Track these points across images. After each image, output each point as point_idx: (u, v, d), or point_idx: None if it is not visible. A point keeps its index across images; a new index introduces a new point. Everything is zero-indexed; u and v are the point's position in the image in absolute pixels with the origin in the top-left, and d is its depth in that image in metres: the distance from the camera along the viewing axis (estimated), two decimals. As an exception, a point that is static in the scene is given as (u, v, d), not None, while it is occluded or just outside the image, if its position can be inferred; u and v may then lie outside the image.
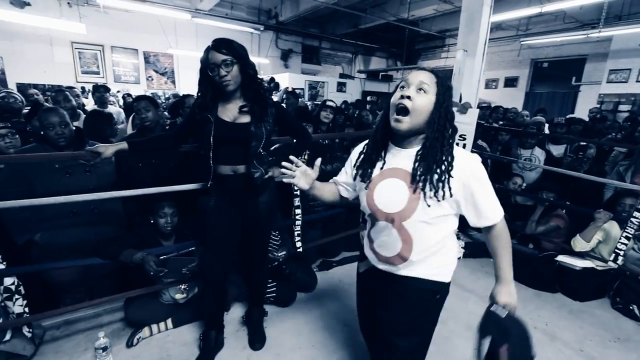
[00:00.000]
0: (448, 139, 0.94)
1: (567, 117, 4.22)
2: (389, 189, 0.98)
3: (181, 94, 6.04)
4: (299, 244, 2.19)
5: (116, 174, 2.03)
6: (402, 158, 0.98)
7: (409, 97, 0.91)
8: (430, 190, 0.92)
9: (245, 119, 1.44)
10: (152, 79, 9.06)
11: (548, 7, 5.25)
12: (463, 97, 3.47)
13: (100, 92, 3.80)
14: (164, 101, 7.37)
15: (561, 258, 2.42)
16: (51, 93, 3.75)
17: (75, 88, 4.66)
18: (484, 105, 4.42)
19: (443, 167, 0.92)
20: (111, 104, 4.48)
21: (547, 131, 4.01)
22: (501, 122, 4.35)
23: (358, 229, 2.65)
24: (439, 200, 0.92)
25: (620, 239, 2.18)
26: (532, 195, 2.83)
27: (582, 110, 7.56)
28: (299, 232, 2.18)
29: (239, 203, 1.54)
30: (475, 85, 4.20)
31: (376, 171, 1.02)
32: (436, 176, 0.92)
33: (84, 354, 1.64)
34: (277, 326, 1.88)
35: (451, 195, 0.92)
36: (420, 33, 10.03)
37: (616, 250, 2.19)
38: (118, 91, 7.11)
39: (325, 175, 2.25)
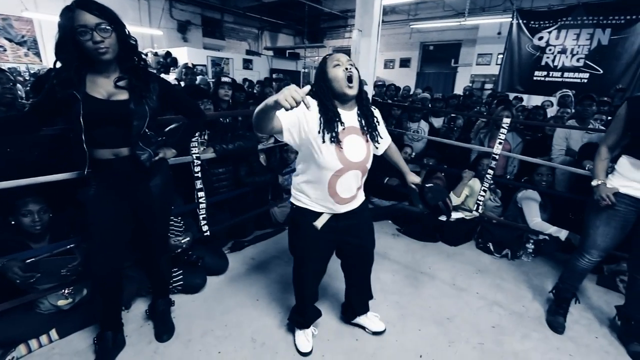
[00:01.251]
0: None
1: (442, 94, 4.92)
2: (354, 144, 1.26)
3: (44, 68, 4.99)
4: (205, 228, 2.11)
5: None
6: (350, 118, 1.27)
7: (350, 70, 1.20)
8: (373, 138, 1.32)
9: (123, 95, 1.28)
10: (5, 50, 7.20)
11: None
12: (361, 76, 3.71)
13: None
14: (28, 78, 5.96)
15: (440, 213, 2.88)
16: None
17: None
18: (379, 83, 4.81)
19: (374, 120, 1.32)
20: None
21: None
22: (395, 99, 4.82)
23: (267, 206, 2.68)
24: (377, 143, 1.36)
25: (480, 192, 2.71)
26: (418, 162, 3.27)
27: (460, 88, 8.88)
28: (204, 215, 2.10)
29: (126, 189, 1.39)
30: (372, 64, 4.52)
31: (340, 132, 1.22)
32: (372, 127, 1.31)
33: None
34: (187, 314, 1.82)
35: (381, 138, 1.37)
36: (324, 12, 10.19)
37: (477, 201, 2.72)
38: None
39: (228, 154, 2.21)
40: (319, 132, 1.19)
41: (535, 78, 5.55)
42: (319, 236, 1.38)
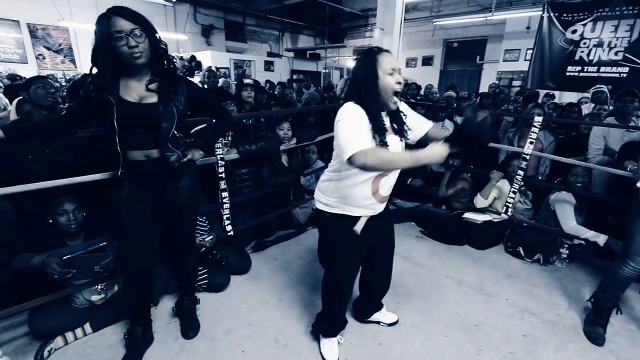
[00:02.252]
0: None
1: (469, 92, 4.76)
2: (394, 144, 1.25)
3: (79, 74, 5.25)
4: (229, 228, 2.14)
5: (-3, 170, 1.72)
6: (385, 121, 1.27)
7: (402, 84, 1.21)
8: (403, 135, 1.29)
9: (153, 98, 1.32)
10: (44, 58, 7.68)
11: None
12: (383, 75, 3.66)
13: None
14: (64, 84, 6.32)
15: (466, 215, 2.79)
16: None
17: None
18: (401, 82, 4.72)
19: (401, 118, 1.30)
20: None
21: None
22: (418, 98, 4.72)
23: (289, 207, 2.69)
24: (406, 138, 1.32)
25: (509, 194, 2.60)
26: (443, 162, 3.17)
27: (486, 85, 8.57)
28: (228, 215, 2.13)
29: (156, 190, 1.44)
30: (394, 63, 4.44)
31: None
32: (400, 125, 1.29)
33: (-22, 379, 1.42)
34: (212, 312, 1.85)
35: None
36: (344, 11, 10.16)
37: (506, 203, 2.61)
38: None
39: (251, 155, 2.23)
40: (373, 138, 1.17)
41: (568, 73, 5.26)
42: (357, 242, 1.37)
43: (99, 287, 1.69)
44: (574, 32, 5.12)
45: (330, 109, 3.84)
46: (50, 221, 1.60)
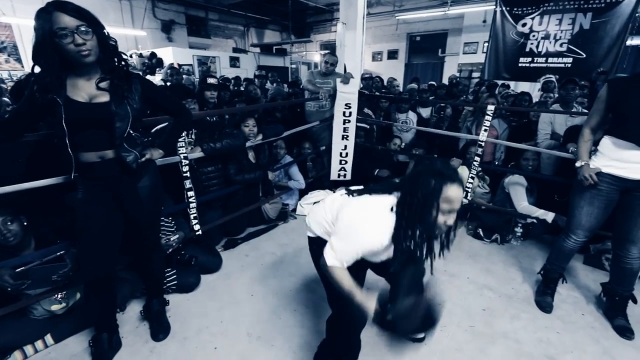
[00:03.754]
0: None
1: (429, 83, 4.95)
2: None
3: (25, 74, 4.88)
4: (197, 227, 2.12)
5: None
6: None
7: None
8: None
9: (104, 97, 1.27)
10: (-16, 57, 7.04)
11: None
12: (347, 69, 3.72)
13: None
14: (10, 86, 5.83)
15: (431, 201, 2.92)
16: None
17: None
18: (366, 75, 4.82)
19: None
20: None
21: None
22: (383, 91, 4.84)
23: (259, 203, 2.69)
24: None
25: (468, 179, 2.75)
26: (407, 152, 3.30)
27: (447, 77, 8.92)
28: (195, 214, 2.10)
29: (114, 192, 1.39)
30: (359, 57, 4.52)
31: None
32: None
33: None
34: (182, 313, 1.83)
35: None
36: (309, 6, 10.13)
37: (466, 188, 2.76)
38: None
39: (216, 152, 2.20)
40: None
41: (520, 64, 5.60)
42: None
43: (59, 296, 1.62)
44: (524, 25, 5.45)
45: (296, 104, 3.86)
46: None
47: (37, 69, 1.20)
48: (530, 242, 2.67)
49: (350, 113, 3.13)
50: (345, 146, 3.26)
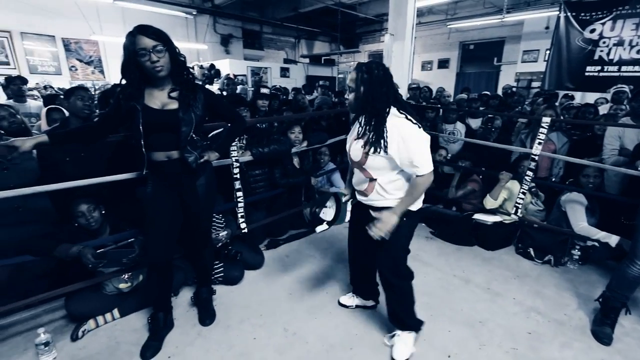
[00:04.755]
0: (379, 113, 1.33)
1: (483, 93, 4.74)
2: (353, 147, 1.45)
3: (107, 85, 5.62)
4: (243, 225, 2.28)
5: (39, 170, 1.93)
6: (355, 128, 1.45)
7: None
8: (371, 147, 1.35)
9: (174, 105, 1.47)
10: (77, 69, 8.21)
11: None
12: (394, 79, 3.73)
13: (17, 84, 3.42)
14: (94, 93, 6.76)
15: (476, 216, 2.81)
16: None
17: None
18: (413, 86, 4.77)
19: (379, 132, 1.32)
20: (35, 99, 4.05)
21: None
22: (431, 101, 4.75)
23: (301, 207, 2.80)
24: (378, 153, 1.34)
25: (519, 194, 2.61)
26: (452, 164, 3.20)
27: (502, 87, 8.44)
28: (243, 213, 2.27)
29: (177, 187, 1.58)
30: (406, 67, 4.50)
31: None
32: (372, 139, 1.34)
33: (24, 354, 1.61)
34: (226, 303, 1.98)
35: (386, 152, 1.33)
36: (359, 17, 10.28)
37: (516, 204, 2.62)
38: (37, 83, 6.37)
39: (264, 157, 2.36)
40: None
41: (587, 74, 5.14)
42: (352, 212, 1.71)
43: (126, 276, 1.86)
44: (592, 31, 5.01)
45: (340, 112, 3.95)
46: (77, 225, 1.76)
47: (124, 81, 1.44)
48: (590, 267, 2.43)
49: (394, 123, 3.13)
50: (388, 155, 3.26)
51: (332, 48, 13.53)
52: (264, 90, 2.85)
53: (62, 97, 3.54)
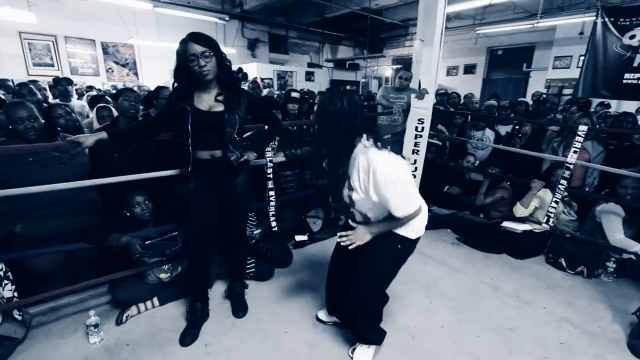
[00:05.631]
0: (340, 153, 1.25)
1: (519, 100, 4.66)
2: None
3: (144, 85, 5.91)
4: (274, 224, 2.36)
5: (90, 164, 2.09)
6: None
7: None
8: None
9: (220, 107, 1.57)
10: (113, 71, 8.67)
11: (497, -2, 5.67)
12: (422, 84, 3.75)
13: (63, 84, 3.68)
14: (140, 94, 7.11)
15: (505, 224, 2.77)
16: (14, 87, 3.60)
17: (39, 81, 4.46)
18: (441, 91, 4.74)
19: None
20: (77, 98, 4.35)
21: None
22: (459, 107, 4.71)
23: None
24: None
25: (551, 203, 2.56)
26: (481, 170, 3.17)
27: (532, 94, 8.20)
28: (274, 212, 2.35)
29: (218, 185, 1.68)
30: (434, 73, 4.49)
31: None
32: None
33: (74, 334, 1.74)
34: (258, 297, 2.07)
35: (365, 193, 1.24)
36: (384, 22, 10.30)
37: (548, 213, 2.57)
38: (75, 84, 6.78)
39: (296, 158, 2.44)
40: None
41: (625, 81, 4.90)
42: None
43: (167, 267, 1.98)
44: (632, 37, 4.79)
45: (369, 117, 3.99)
46: (127, 214, 1.91)
47: (176, 84, 1.56)
48: (626, 280, 2.36)
49: (422, 128, 3.15)
50: (415, 160, 3.27)
51: (356, 53, 13.59)
52: (294, 94, 2.94)
53: (106, 97, 3.80)
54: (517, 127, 3.26)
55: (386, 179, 1.18)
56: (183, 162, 1.67)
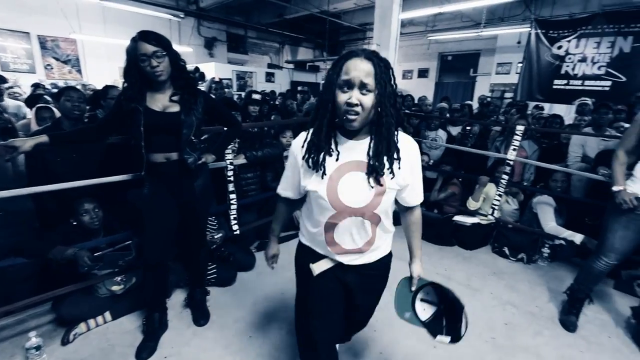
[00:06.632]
0: (393, 127, 0.93)
1: (466, 103, 5.02)
2: (353, 184, 0.95)
3: (89, 84, 5.49)
4: (235, 227, 2.32)
5: (27, 171, 1.91)
6: (355, 149, 0.96)
7: (356, 105, 0.86)
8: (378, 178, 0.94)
9: (175, 108, 1.52)
10: (52, 68, 7.90)
11: (445, 8, 6.06)
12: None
13: (-9, 83, 3.31)
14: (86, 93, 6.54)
15: (456, 218, 2.98)
16: None
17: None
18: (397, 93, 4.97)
19: (395, 156, 0.94)
20: (15, 97, 3.92)
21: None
22: (413, 109, 4.96)
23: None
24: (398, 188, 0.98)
25: (495, 197, 2.80)
26: (434, 169, 3.38)
27: (478, 97, 8.87)
28: (235, 215, 2.31)
29: (174, 189, 1.62)
30: (390, 76, 4.67)
31: (331, 164, 0.95)
32: (389, 165, 0.93)
33: None
34: (220, 303, 2.02)
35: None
36: (343, 25, 10.52)
37: (492, 206, 2.80)
38: (7, 81, 6.10)
39: (257, 160, 2.43)
40: (303, 160, 0.98)
41: (554, 87, 5.55)
42: (319, 282, 1.09)
43: (119, 278, 1.86)
44: (559, 47, 5.42)
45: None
46: (75, 223, 1.77)
47: (125, 84, 1.48)
48: (559, 264, 2.65)
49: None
50: (374, 160, 3.39)
51: (316, 54, 13.72)
52: (255, 96, 2.92)
53: (46, 96, 3.47)
54: (467, 127, 3.52)
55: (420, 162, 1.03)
56: (135, 166, 1.59)
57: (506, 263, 2.66)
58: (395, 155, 0.94)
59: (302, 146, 0.98)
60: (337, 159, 0.96)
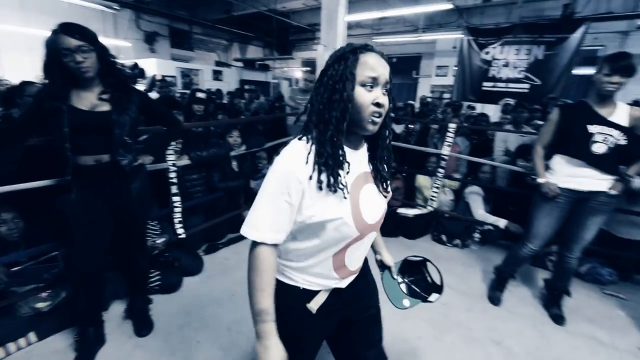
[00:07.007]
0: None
1: (408, 102, 5.35)
2: (371, 198, 0.83)
3: (4, 80, 4.87)
4: (180, 231, 2.23)
5: None
6: (361, 160, 0.84)
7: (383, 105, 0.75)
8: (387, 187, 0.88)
9: (105, 107, 1.42)
10: (-45, 61, 6.84)
11: (388, 12, 6.40)
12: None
13: None
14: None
15: (400, 210, 3.17)
16: None
17: None
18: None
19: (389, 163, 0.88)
20: None
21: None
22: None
23: (240, 210, 2.83)
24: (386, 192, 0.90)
25: (432, 189, 3.03)
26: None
27: (419, 98, 9.48)
28: (180, 218, 2.22)
29: (106, 193, 1.51)
30: (337, 76, 4.79)
31: (348, 180, 0.79)
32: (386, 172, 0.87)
33: None
34: (165, 311, 1.93)
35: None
36: (292, 25, 10.54)
37: (431, 197, 3.04)
38: None
39: (202, 161, 2.35)
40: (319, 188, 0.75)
41: (483, 88, 6.14)
42: (317, 320, 0.88)
43: (45, 294, 1.69)
44: (487, 53, 6.01)
45: (277, 118, 4.07)
46: None
47: (46, 81, 1.35)
48: (488, 247, 2.95)
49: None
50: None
51: (266, 53, 13.56)
52: (200, 95, 2.82)
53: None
54: (409, 125, 3.75)
55: None
56: (61, 170, 1.46)
57: (443, 249, 2.90)
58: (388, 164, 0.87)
59: (306, 162, 0.75)
60: (348, 172, 0.79)
